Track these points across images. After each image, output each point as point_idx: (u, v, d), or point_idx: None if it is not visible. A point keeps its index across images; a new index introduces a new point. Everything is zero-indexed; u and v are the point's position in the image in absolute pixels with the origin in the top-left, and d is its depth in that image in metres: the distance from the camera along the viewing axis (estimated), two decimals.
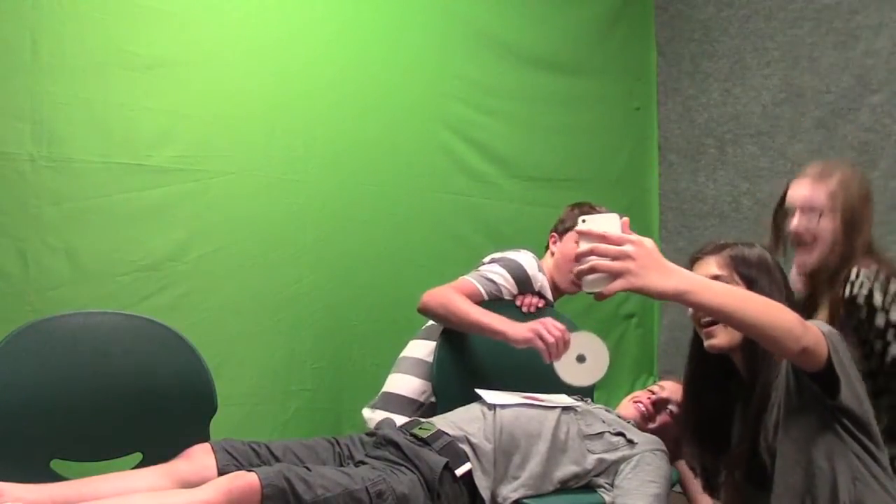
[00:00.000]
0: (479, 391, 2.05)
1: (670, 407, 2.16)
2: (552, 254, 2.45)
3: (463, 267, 2.41)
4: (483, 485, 1.82)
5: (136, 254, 2.37)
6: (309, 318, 2.63)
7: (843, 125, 2.88)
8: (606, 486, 1.91)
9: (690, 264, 1.63)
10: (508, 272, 2.32)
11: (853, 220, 1.90)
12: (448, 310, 2.16)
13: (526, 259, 2.37)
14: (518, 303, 2.31)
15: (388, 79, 2.86)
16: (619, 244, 1.23)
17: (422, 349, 2.29)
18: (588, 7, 3.38)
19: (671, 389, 2.20)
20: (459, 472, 1.80)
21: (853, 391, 1.34)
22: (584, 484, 1.92)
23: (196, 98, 2.48)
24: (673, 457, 2.20)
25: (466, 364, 2.25)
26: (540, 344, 1.98)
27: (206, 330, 2.38)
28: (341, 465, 1.81)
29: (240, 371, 2.49)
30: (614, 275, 1.22)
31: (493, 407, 1.96)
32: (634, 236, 1.25)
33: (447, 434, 1.87)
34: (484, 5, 3.11)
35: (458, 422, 1.93)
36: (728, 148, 3.26)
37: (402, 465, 1.77)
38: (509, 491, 1.85)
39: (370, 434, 1.94)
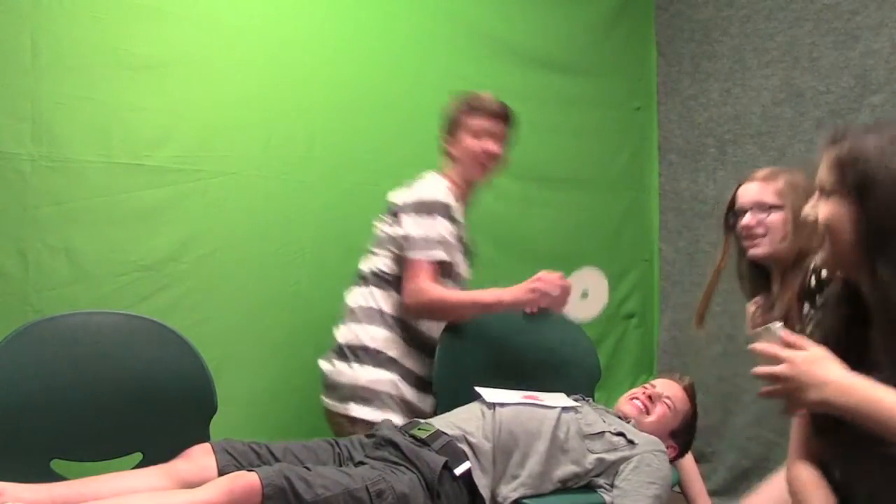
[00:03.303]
0: (478, 389, 2.06)
1: (666, 400, 2.17)
2: (453, 157, 2.33)
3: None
4: (482, 483, 1.82)
5: (136, 254, 2.38)
6: (309, 317, 2.63)
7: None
8: (606, 486, 1.91)
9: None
10: (442, 217, 2.19)
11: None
12: (443, 309, 2.16)
13: (437, 191, 2.22)
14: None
15: (387, 79, 2.86)
16: (775, 364, 1.20)
17: (370, 297, 2.25)
18: (588, 7, 3.38)
19: (663, 385, 2.22)
20: (458, 471, 1.80)
21: None
22: (583, 484, 1.92)
23: (196, 98, 2.48)
24: (677, 453, 2.21)
25: (466, 364, 2.25)
26: (545, 301, 2.01)
27: (206, 330, 2.38)
28: (341, 466, 1.81)
29: (240, 371, 2.49)
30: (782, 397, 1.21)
31: (492, 405, 1.96)
32: (787, 352, 1.20)
33: (446, 434, 1.87)
34: (484, 6, 3.11)
35: (456, 421, 1.93)
36: (728, 148, 3.26)
37: (402, 464, 1.77)
38: (509, 490, 1.85)
39: (369, 435, 1.95)
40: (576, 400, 2.11)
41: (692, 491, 2.43)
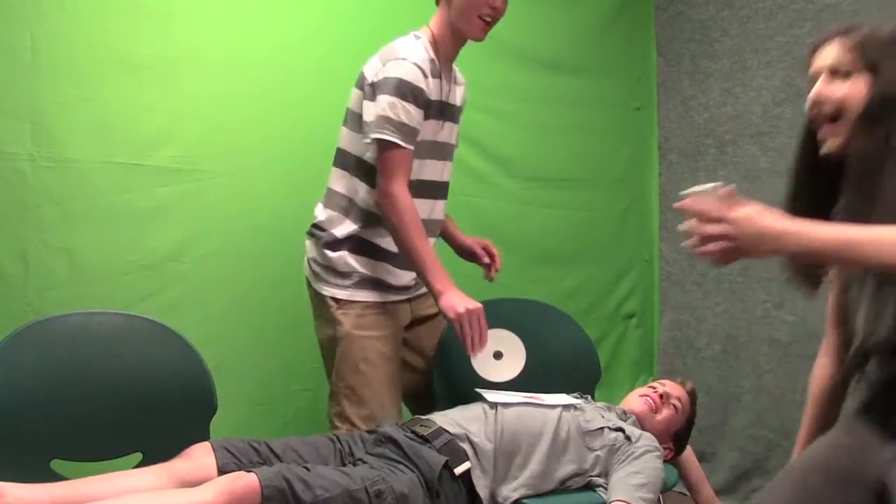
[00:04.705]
0: (479, 391, 2.06)
1: (673, 402, 2.18)
2: (447, 3, 2.08)
3: (463, 266, 2.40)
4: (481, 484, 1.82)
5: (136, 254, 2.38)
6: (309, 317, 2.63)
7: None
8: (606, 485, 1.91)
9: (811, 52, 1.45)
10: (404, 101, 1.99)
11: None
12: (400, 236, 1.99)
13: (403, 70, 2.01)
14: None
15: None
16: (716, 224, 1.23)
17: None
18: (588, 7, 3.38)
19: (672, 387, 2.25)
20: (458, 471, 1.80)
21: None
22: (584, 484, 1.93)
23: (196, 98, 2.48)
24: (673, 455, 2.21)
25: (466, 364, 2.25)
26: (458, 332, 1.92)
27: (206, 330, 2.38)
28: (342, 463, 1.81)
29: (240, 371, 2.49)
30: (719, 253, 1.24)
31: (494, 406, 1.96)
32: (732, 213, 1.23)
33: (448, 432, 1.87)
34: None
35: (459, 420, 1.93)
36: (728, 148, 3.26)
37: (402, 463, 1.77)
38: (510, 491, 1.85)
39: (370, 431, 1.95)
40: (575, 398, 2.11)
41: (694, 480, 2.43)
